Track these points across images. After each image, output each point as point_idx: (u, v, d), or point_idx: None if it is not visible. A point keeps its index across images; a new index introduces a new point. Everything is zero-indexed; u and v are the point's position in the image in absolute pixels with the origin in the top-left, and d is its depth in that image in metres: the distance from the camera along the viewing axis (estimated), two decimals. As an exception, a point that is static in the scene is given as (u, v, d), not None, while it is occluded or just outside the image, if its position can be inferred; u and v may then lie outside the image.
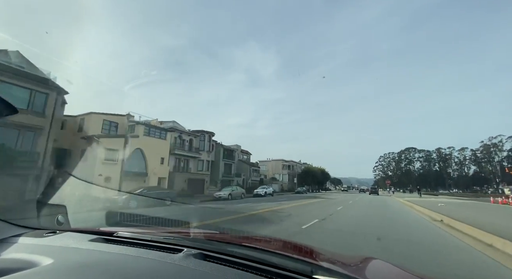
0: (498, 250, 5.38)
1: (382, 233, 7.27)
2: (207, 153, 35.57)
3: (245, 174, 43.73)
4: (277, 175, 60.69)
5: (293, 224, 8.64)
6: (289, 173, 61.93)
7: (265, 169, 63.96)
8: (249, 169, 44.61)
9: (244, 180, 42.60)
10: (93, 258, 1.18)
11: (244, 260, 1.10)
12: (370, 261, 1.51)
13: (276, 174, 60.81)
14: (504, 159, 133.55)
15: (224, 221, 9.41)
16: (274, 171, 61.45)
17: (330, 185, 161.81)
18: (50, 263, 1.09)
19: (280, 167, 61.29)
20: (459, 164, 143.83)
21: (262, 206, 16.57)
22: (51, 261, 1.10)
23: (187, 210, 14.45)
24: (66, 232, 1.66)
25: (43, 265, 1.08)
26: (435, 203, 19.32)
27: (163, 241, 1.40)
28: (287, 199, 25.18)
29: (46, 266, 1.07)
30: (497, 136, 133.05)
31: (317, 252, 1.63)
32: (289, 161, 63.40)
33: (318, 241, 6.20)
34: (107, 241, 1.45)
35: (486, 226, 7.25)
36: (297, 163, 66.20)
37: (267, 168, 63.26)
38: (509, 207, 18.12)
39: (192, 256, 1.15)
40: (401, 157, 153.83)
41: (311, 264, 1.10)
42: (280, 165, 61.40)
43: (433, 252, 5.47)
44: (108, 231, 1.65)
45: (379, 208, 18.34)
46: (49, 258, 1.13)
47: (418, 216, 12.80)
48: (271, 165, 62.55)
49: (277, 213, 12.53)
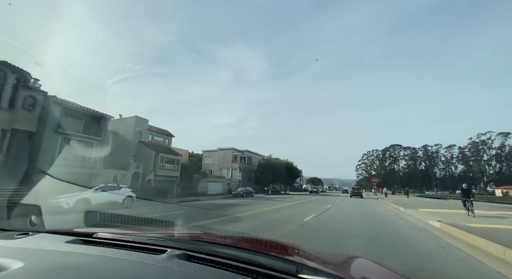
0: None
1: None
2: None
3: (150, 165, 26.46)
4: (225, 170, 43.78)
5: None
6: (244, 168, 45.16)
7: (210, 162, 46.89)
8: (156, 157, 27.15)
9: (140, 175, 25.38)
10: (69, 261, 1.10)
11: (230, 260, 1.07)
12: (355, 260, 1.53)
13: (224, 168, 43.92)
14: (493, 157, 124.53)
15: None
16: (222, 165, 44.50)
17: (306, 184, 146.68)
18: (20, 266, 1.00)
19: (230, 159, 44.42)
20: (446, 163, 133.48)
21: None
22: (22, 265, 1.00)
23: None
24: (40, 233, 1.55)
25: (13, 269, 0.98)
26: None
27: (146, 242, 1.34)
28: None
29: (15, 270, 0.97)
30: (486, 132, 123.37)
31: (302, 251, 1.61)
32: (243, 152, 46.64)
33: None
34: (86, 243, 1.37)
35: None
36: (254, 154, 49.49)
37: (213, 161, 46.20)
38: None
39: (175, 257, 1.10)
40: (386, 155, 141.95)
41: (297, 263, 1.09)
42: (230, 156, 44.54)
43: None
44: (86, 232, 1.56)
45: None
46: (19, 261, 1.03)
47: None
48: (218, 157, 45.53)
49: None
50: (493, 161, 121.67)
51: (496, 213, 14.25)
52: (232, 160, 44.33)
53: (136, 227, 3.74)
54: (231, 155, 44.53)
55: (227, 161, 44.39)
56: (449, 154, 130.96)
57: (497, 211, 15.77)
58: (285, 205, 17.73)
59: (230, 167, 43.95)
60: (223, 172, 43.82)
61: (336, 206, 18.17)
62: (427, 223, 9.78)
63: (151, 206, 15.74)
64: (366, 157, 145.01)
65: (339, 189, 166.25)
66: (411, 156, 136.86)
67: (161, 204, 15.87)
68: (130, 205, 15.03)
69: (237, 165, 43.78)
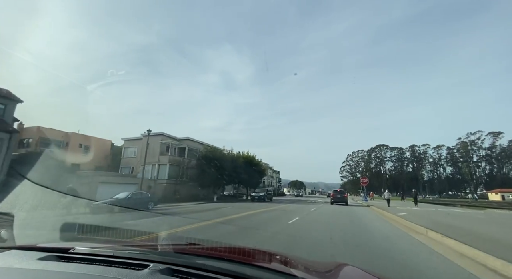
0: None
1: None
2: None
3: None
4: (148, 166, 29.58)
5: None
6: (179, 162, 31.07)
7: (132, 155, 32.55)
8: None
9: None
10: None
11: (216, 274, 1.01)
12: (344, 267, 1.52)
13: (151, 163, 29.73)
14: (482, 158, 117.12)
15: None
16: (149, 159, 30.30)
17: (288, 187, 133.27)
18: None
19: (158, 150, 30.24)
20: (434, 165, 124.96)
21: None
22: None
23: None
24: (10, 249, 1.40)
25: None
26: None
27: (127, 256, 1.24)
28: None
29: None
30: (476, 132, 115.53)
31: (291, 261, 1.56)
32: (181, 140, 32.67)
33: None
34: (61, 259, 1.25)
35: None
36: (194, 141, 34.82)
37: (137, 151, 31.91)
38: None
39: (158, 272, 1.03)
40: (371, 156, 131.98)
41: (286, 275, 1.05)
42: (158, 146, 30.35)
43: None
44: (62, 247, 1.41)
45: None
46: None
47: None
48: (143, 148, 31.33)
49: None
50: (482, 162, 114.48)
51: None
52: (160, 152, 30.17)
53: (117, 240, 3.36)
54: (159, 144, 30.38)
55: (155, 153, 30.20)
56: (437, 155, 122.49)
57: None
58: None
59: (157, 161, 29.75)
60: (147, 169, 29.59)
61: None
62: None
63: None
64: (351, 158, 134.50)
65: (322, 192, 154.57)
66: (398, 157, 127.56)
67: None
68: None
69: (167, 159, 29.63)
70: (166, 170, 28.96)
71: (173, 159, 29.96)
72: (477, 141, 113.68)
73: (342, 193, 27.89)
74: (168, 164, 29.20)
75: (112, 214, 12.81)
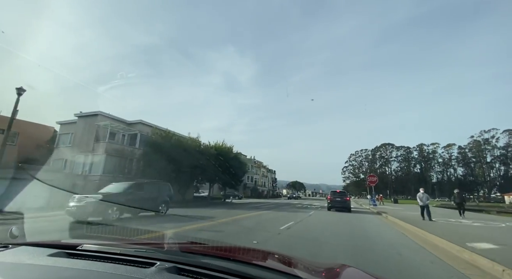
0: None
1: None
2: None
3: None
4: (81, 156, 21.78)
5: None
6: (123, 151, 23.20)
7: (68, 143, 24.75)
8: None
9: None
10: (50, 276, 1.04)
11: (221, 273, 1.02)
12: (346, 269, 1.55)
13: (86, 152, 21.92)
14: (497, 158, 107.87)
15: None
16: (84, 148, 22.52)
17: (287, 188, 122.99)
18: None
19: (93, 135, 22.41)
20: (444, 165, 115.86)
21: None
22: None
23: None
24: (21, 246, 1.43)
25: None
26: None
27: (134, 254, 1.24)
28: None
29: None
30: (490, 130, 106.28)
31: (295, 261, 1.58)
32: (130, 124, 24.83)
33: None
34: (69, 256, 1.26)
35: None
36: (151, 126, 26.46)
37: (74, 139, 24.12)
38: None
39: (165, 270, 1.03)
40: (376, 155, 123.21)
41: (290, 275, 1.06)
42: (94, 130, 22.53)
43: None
44: (71, 244, 1.45)
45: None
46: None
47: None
48: (81, 131, 23.55)
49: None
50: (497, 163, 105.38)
51: None
52: (96, 139, 22.36)
53: (123, 238, 3.23)
54: (96, 128, 22.55)
55: (89, 140, 22.40)
56: (448, 154, 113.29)
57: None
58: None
59: (92, 150, 21.92)
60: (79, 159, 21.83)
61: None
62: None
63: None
64: (354, 158, 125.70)
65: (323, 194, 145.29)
66: (404, 156, 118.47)
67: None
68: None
69: (104, 147, 21.76)
70: (102, 162, 21.13)
71: (112, 148, 22.11)
72: (491, 139, 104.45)
73: (342, 195, 20.07)
74: (105, 154, 21.37)
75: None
